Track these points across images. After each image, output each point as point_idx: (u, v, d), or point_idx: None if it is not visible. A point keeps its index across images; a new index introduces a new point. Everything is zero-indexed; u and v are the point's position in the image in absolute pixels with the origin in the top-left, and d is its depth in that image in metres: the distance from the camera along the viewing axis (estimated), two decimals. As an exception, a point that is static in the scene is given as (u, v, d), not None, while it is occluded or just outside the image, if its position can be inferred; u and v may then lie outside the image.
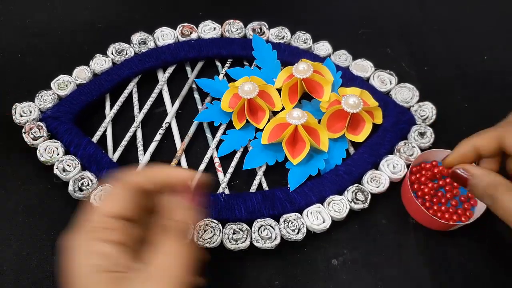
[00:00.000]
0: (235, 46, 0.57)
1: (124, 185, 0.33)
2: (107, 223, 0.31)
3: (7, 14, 0.61)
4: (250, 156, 0.50)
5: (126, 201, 0.32)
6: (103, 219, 0.31)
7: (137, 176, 0.33)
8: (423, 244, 0.47)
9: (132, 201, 0.32)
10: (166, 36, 0.57)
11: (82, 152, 0.48)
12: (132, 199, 0.32)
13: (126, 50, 0.56)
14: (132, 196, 0.32)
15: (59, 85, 0.52)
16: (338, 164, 0.50)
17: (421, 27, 0.65)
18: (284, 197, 0.47)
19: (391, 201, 0.49)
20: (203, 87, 0.54)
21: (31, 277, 0.43)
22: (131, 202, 0.32)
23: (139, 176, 0.34)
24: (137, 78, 0.55)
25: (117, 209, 0.31)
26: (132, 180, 0.33)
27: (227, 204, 0.46)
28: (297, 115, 0.47)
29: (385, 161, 0.50)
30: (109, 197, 0.32)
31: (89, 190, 0.46)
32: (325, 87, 0.51)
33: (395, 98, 0.55)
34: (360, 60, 0.57)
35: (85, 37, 0.60)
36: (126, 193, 0.32)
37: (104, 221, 0.31)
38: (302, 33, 0.59)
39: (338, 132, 0.50)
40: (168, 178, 0.33)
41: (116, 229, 0.31)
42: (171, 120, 0.53)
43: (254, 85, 0.50)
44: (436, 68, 0.60)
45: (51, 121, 0.50)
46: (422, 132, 0.52)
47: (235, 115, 0.51)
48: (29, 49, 0.58)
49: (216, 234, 0.44)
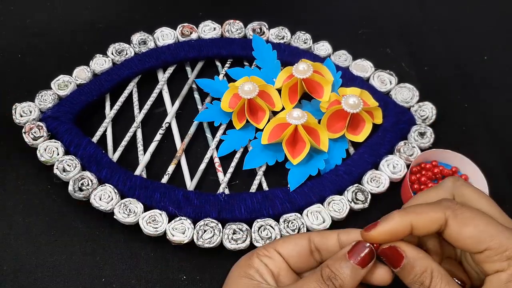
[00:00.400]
0: (235, 46, 0.57)
1: (303, 238, 0.36)
2: (270, 253, 0.35)
3: (7, 14, 0.61)
4: (250, 156, 0.50)
5: (294, 251, 0.35)
6: (270, 250, 0.36)
7: (318, 236, 0.36)
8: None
9: (300, 254, 0.35)
10: (166, 36, 0.57)
11: (82, 152, 0.48)
12: (300, 252, 0.35)
13: (126, 50, 0.56)
14: (303, 250, 0.35)
15: (59, 85, 0.52)
16: (338, 164, 0.50)
17: (421, 27, 0.65)
18: (284, 197, 0.47)
19: (391, 201, 0.49)
20: (203, 87, 0.54)
21: (31, 277, 0.43)
22: (298, 255, 0.35)
23: (321, 236, 0.36)
24: (137, 78, 0.55)
25: (283, 251, 0.35)
26: (312, 238, 0.36)
27: (227, 204, 0.46)
28: (297, 115, 0.47)
29: (385, 161, 0.50)
30: (287, 239, 0.36)
31: (89, 190, 0.46)
32: (325, 87, 0.51)
33: (395, 98, 0.55)
34: (360, 60, 0.57)
35: (85, 37, 0.60)
36: (300, 244, 0.36)
37: (269, 251, 0.35)
38: (302, 33, 0.59)
39: (338, 132, 0.50)
40: (348, 242, 0.34)
41: (275, 261, 0.35)
42: (171, 120, 0.53)
43: (254, 85, 0.50)
44: (436, 68, 0.60)
45: (51, 121, 0.50)
46: (422, 132, 0.52)
47: (235, 115, 0.51)
48: (29, 49, 0.58)
49: (216, 234, 0.44)
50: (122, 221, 0.45)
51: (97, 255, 0.45)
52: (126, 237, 0.46)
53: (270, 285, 0.34)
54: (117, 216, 0.45)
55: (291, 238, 0.36)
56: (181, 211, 0.45)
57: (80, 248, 0.45)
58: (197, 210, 0.46)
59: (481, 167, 0.48)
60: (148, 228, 0.44)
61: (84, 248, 0.45)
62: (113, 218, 0.45)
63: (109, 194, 0.46)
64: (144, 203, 0.46)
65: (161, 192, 0.46)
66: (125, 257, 0.45)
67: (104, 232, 0.46)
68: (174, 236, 0.44)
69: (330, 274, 0.32)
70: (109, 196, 0.46)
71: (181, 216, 0.45)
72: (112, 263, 0.45)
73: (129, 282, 0.44)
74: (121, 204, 0.45)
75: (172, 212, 0.45)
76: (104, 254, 0.45)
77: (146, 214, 0.45)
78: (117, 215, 0.45)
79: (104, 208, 0.45)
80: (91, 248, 0.45)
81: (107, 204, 0.45)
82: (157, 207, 0.46)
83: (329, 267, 0.32)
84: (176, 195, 0.46)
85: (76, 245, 0.45)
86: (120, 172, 0.47)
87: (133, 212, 0.45)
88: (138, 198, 0.46)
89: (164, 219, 0.45)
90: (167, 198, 0.46)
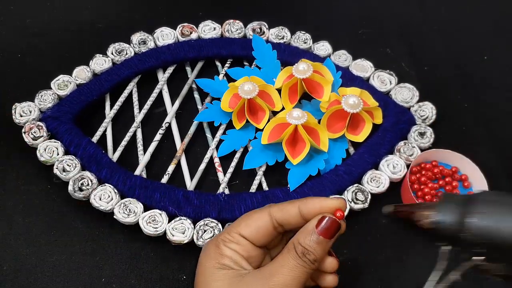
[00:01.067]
0: (235, 46, 0.57)
1: (265, 216, 0.37)
2: (236, 239, 0.36)
3: (7, 14, 0.61)
4: (250, 156, 0.50)
5: (259, 232, 0.36)
6: (235, 235, 0.36)
7: (279, 212, 0.36)
8: (424, 244, 0.47)
9: (264, 233, 0.36)
10: (166, 36, 0.57)
11: (82, 152, 0.48)
12: (264, 231, 0.36)
13: (126, 50, 0.56)
14: (267, 229, 0.36)
15: (59, 85, 0.52)
16: (338, 164, 0.50)
17: (421, 27, 0.65)
18: (284, 197, 0.47)
19: (391, 201, 0.49)
20: (203, 87, 0.54)
21: (30, 277, 0.43)
22: (263, 234, 0.36)
23: (282, 212, 0.36)
24: (137, 78, 0.55)
25: (247, 234, 0.36)
26: (273, 215, 0.36)
27: (227, 204, 0.46)
28: (297, 115, 0.47)
29: (385, 161, 0.50)
30: (248, 220, 0.37)
31: (89, 190, 0.46)
32: (325, 87, 0.51)
33: (395, 98, 0.55)
34: (360, 60, 0.57)
35: (85, 37, 0.60)
36: (263, 225, 0.36)
37: (234, 237, 0.36)
38: (302, 33, 0.59)
39: (338, 132, 0.50)
40: (320, 209, 0.36)
41: (242, 245, 0.36)
42: (171, 120, 0.53)
43: (254, 85, 0.50)
44: (436, 68, 0.60)
45: (51, 121, 0.50)
46: (422, 132, 0.52)
47: (235, 115, 0.51)
48: (29, 49, 0.58)
49: (216, 234, 0.44)
50: (122, 221, 0.45)
51: (97, 255, 0.45)
52: (126, 237, 0.46)
53: (248, 269, 0.36)
54: (117, 216, 0.45)
55: (251, 219, 0.37)
56: (181, 211, 0.45)
57: (80, 248, 0.45)
58: (197, 210, 0.46)
59: (481, 167, 0.49)
60: (148, 228, 0.44)
61: (84, 248, 0.45)
62: (113, 218, 0.45)
63: (109, 194, 0.46)
64: (144, 203, 0.46)
65: (161, 192, 0.46)
66: (125, 257, 0.45)
67: (104, 232, 0.46)
68: (174, 236, 0.44)
69: (304, 250, 0.34)
70: (109, 196, 0.46)
71: (181, 216, 0.45)
72: (112, 263, 0.45)
73: (129, 282, 0.44)
74: (121, 204, 0.45)
75: (172, 212, 0.45)
76: (104, 254, 0.45)
77: (146, 214, 0.45)
78: (117, 215, 0.45)
79: (104, 208, 0.45)
80: (91, 248, 0.45)
81: (107, 204, 0.45)
82: (157, 207, 0.46)
83: (301, 244, 0.35)
84: (176, 195, 0.46)
85: (76, 245, 0.45)
86: (120, 172, 0.47)
87: (133, 212, 0.45)
88: (138, 198, 0.46)
89: (164, 219, 0.45)
90: (167, 198, 0.46)
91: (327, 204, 0.36)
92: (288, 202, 0.37)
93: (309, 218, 0.36)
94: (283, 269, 0.34)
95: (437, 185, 0.49)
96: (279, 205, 0.37)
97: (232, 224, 0.38)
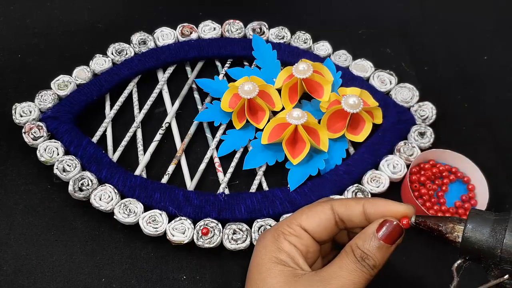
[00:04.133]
0: (235, 46, 0.57)
1: (327, 209, 0.35)
2: (297, 232, 0.35)
3: (7, 14, 0.61)
4: (250, 156, 0.50)
5: (320, 226, 0.35)
6: (296, 228, 0.35)
7: (342, 207, 0.35)
8: (424, 244, 0.47)
9: (325, 227, 0.35)
10: (166, 36, 0.57)
11: (82, 152, 0.48)
12: (326, 225, 0.35)
13: (126, 50, 0.56)
14: (329, 223, 0.35)
15: (59, 85, 0.52)
16: (338, 164, 0.50)
17: (421, 27, 0.65)
18: (284, 197, 0.47)
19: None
20: (203, 87, 0.54)
21: (31, 277, 0.43)
22: (324, 228, 0.35)
23: (346, 207, 0.35)
24: (137, 78, 0.55)
25: (309, 227, 0.35)
26: (336, 209, 0.35)
27: (227, 204, 0.46)
28: (297, 115, 0.47)
29: (385, 161, 0.50)
30: (310, 212, 0.35)
31: (89, 190, 0.46)
32: (325, 87, 0.51)
33: (395, 98, 0.55)
34: (360, 60, 0.57)
35: (85, 37, 0.60)
36: (324, 218, 0.35)
37: (295, 230, 0.35)
38: (302, 33, 0.59)
39: (338, 132, 0.50)
40: (387, 212, 0.34)
41: (302, 239, 0.35)
42: (171, 120, 0.53)
43: (254, 85, 0.50)
44: (436, 68, 0.60)
45: (51, 121, 0.50)
46: (422, 132, 0.52)
47: (235, 115, 0.51)
48: (29, 49, 0.58)
49: (216, 234, 0.44)
50: (122, 221, 0.45)
51: (97, 255, 0.45)
52: (126, 237, 0.46)
53: (305, 270, 0.34)
54: (117, 216, 0.45)
55: (314, 212, 0.35)
56: (181, 211, 0.45)
57: (80, 248, 0.45)
58: (197, 210, 0.46)
59: (481, 167, 0.49)
60: (148, 228, 0.44)
61: (84, 248, 0.45)
62: (113, 218, 0.45)
63: (109, 194, 0.46)
64: (144, 203, 0.46)
65: (161, 192, 0.46)
66: (125, 257, 0.45)
67: (104, 232, 0.46)
68: (174, 236, 0.44)
69: (363, 255, 0.33)
70: (109, 196, 0.46)
71: (181, 216, 0.45)
72: (112, 263, 0.45)
73: (129, 282, 0.44)
74: (121, 204, 0.45)
75: (172, 212, 0.45)
76: (104, 254, 0.45)
77: (146, 214, 0.45)
78: (117, 215, 0.45)
79: (104, 208, 0.45)
80: (91, 248, 0.45)
81: (107, 204, 0.45)
82: (157, 207, 0.46)
83: (360, 248, 0.33)
84: (176, 195, 0.46)
85: (76, 245, 0.45)
86: (120, 172, 0.47)
87: (133, 212, 0.45)
88: (138, 198, 0.46)
89: (164, 219, 0.45)
90: (167, 198, 0.46)
91: (396, 208, 0.34)
92: (352, 199, 0.36)
93: (372, 219, 0.34)
94: (341, 271, 0.32)
95: (437, 185, 0.49)
96: (342, 200, 0.35)
97: (292, 216, 0.36)
